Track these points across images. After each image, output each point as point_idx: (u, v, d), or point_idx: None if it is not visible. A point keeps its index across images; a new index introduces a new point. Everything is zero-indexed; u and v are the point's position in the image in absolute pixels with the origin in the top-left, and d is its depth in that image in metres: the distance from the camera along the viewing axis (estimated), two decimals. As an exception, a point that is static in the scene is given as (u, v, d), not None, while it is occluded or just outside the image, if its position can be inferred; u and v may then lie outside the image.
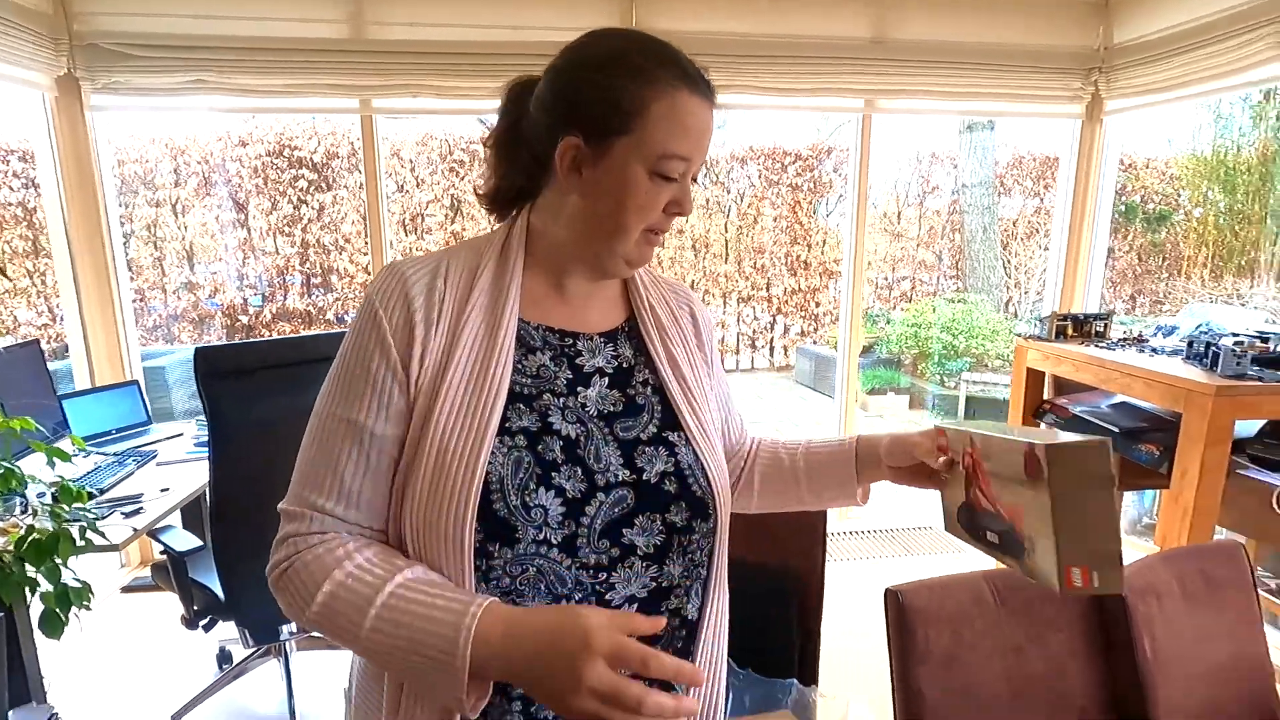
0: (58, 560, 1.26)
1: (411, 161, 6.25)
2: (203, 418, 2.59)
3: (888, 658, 1.08)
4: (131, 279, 5.89)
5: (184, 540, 1.78)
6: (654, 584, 0.69)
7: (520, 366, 0.70)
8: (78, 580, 1.26)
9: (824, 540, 1.34)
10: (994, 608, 1.09)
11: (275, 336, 5.73)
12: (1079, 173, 3.21)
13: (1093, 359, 2.06)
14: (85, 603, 1.25)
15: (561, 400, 0.70)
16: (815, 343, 7.09)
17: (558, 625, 0.56)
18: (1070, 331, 2.28)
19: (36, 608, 1.55)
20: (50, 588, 1.23)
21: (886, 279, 7.35)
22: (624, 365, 0.75)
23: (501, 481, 0.64)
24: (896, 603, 1.05)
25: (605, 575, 0.67)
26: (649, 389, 0.75)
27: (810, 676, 1.39)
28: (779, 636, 1.41)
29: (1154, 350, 2.10)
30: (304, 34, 2.60)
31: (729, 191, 6.96)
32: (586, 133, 0.66)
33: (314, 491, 0.65)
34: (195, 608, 1.85)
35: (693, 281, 6.73)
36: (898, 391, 6.43)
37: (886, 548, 3.14)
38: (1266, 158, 6.47)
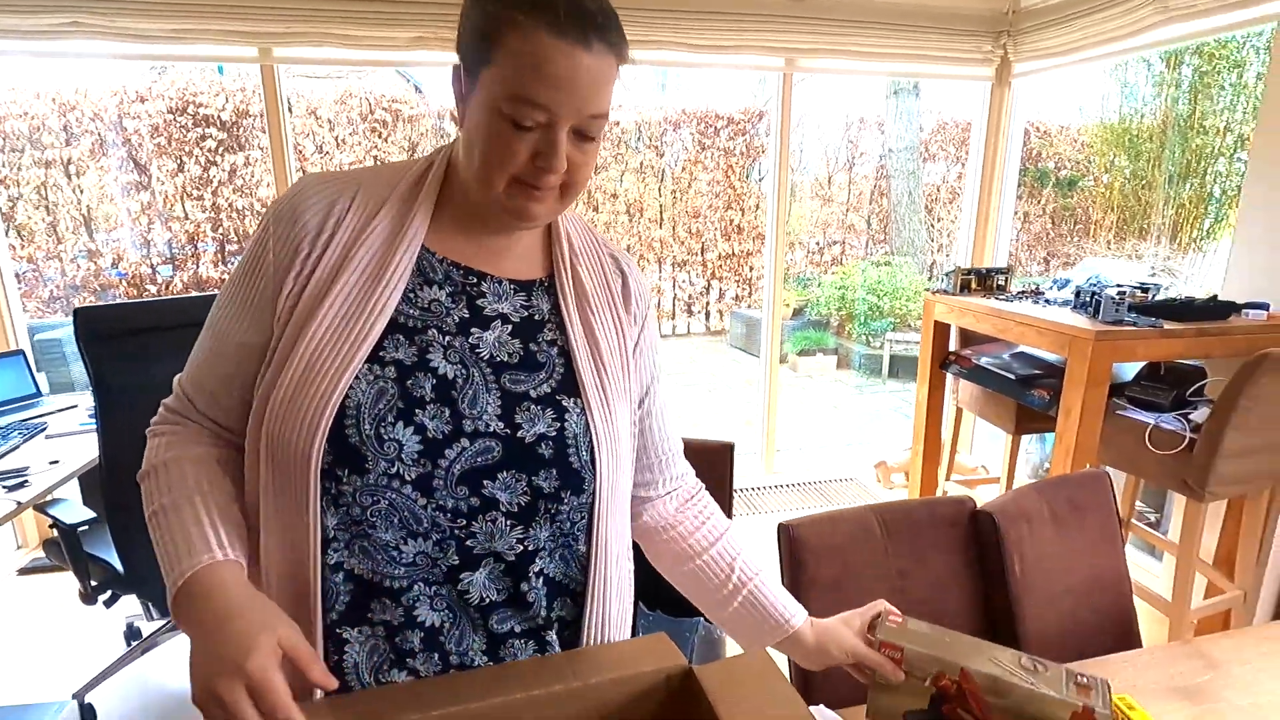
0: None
1: (330, 121, 5.96)
2: (99, 388, 2.44)
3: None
4: (21, 245, 5.47)
5: (75, 513, 1.69)
6: (520, 547, 0.68)
7: (411, 297, 0.67)
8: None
9: (730, 486, 1.39)
10: (880, 537, 1.15)
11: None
12: (989, 136, 3.32)
13: (992, 310, 2.17)
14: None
15: (447, 339, 0.68)
16: (749, 306, 7.20)
17: (238, 621, 0.56)
18: (974, 285, 2.39)
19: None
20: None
21: (818, 243, 7.51)
22: (534, 318, 0.72)
23: (359, 409, 0.62)
24: (788, 535, 1.10)
25: (465, 523, 0.66)
26: (555, 349, 0.72)
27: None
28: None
29: (1048, 301, 2.22)
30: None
31: (663, 156, 6.93)
32: (464, 60, 0.64)
33: (192, 385, 0.71)
34: (93, 583, 1.77)
35: (628, 246, 6.71)
36: (825, 352, 6.62)
37: (806, 500, 3.26)
38: (1167, 124, 6.85)
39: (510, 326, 0.70)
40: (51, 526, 1.75)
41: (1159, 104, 6.90)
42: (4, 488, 1.70)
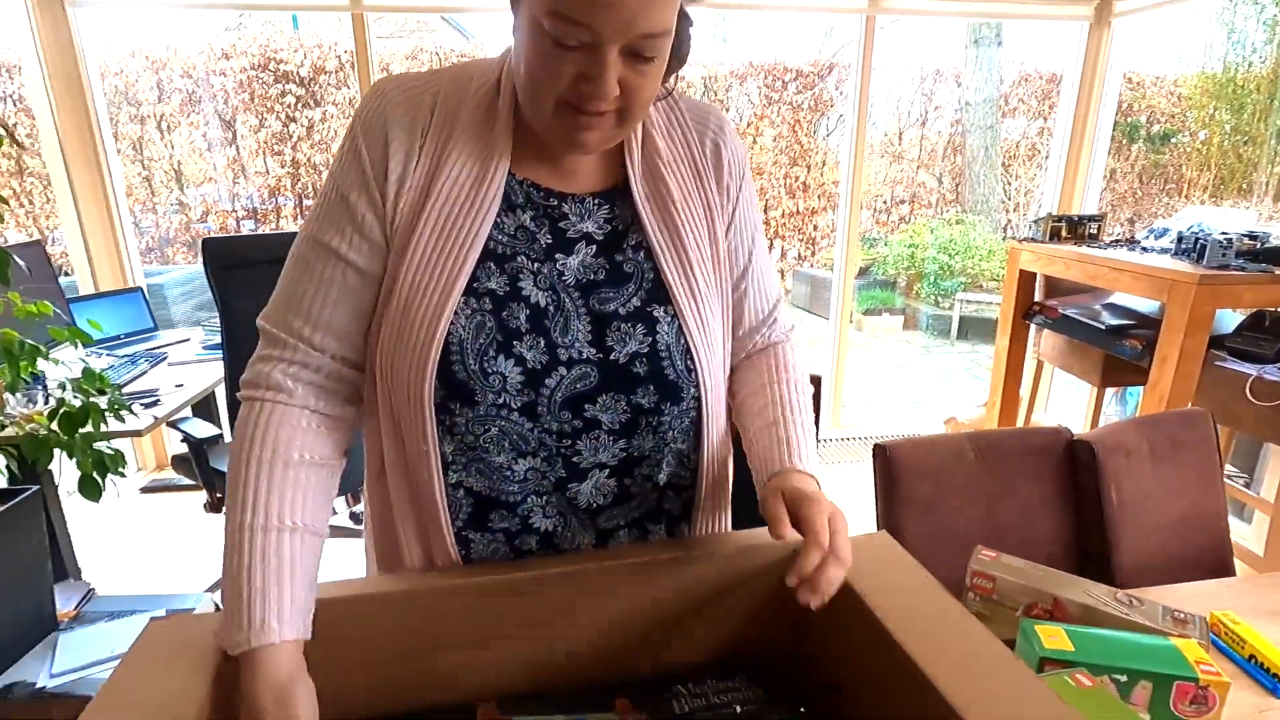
0: (90, 432, 1.32)
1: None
2: (207, 324, 2.64)
3: (874, 507, 1.16)
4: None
5: (202, 428, 1.85)
6: (624, 454, 0.69)
7: (499, 222, 0.66)
8: (110, 448, 1.33)
9: (816, 419, 1.42)
10: (973, 462, 1.17)
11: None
12: (1083, 83, 3.16)
13: (1083, 256, 2.10)
14: (119, 469, 1.32)
15: (536, 265, 0.66)
16: (812, 266, 7.09)
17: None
18: (1064, 233, 2.31)
19: (67, 487, 1.63)
20: (89, 455, 1.29)
21: (885, 202, 7.29)
22: (618, 228, 0.69)
23: (462, 344, 0.63)
24: (884, 455, 1.13)
25: (571, 442, 0.67)
26: (641, 253, 0.69)
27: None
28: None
29: (1145, 249, 2.14)
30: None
31: (728, 110, 6.80)
32: None
33: (292, 314, 0.65)
34: (217, 494, 1.94)
35: (690, 203, 6.65)
36: (892, 312, 6.49)
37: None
38: (1278, 75, 6.33)
39: (595, 245, 0.69)
40: (183, 441, 1.92)
41: (1270, 50, 6.36)
42: (142, 405, 1.88)
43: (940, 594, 0.61)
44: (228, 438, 1.90)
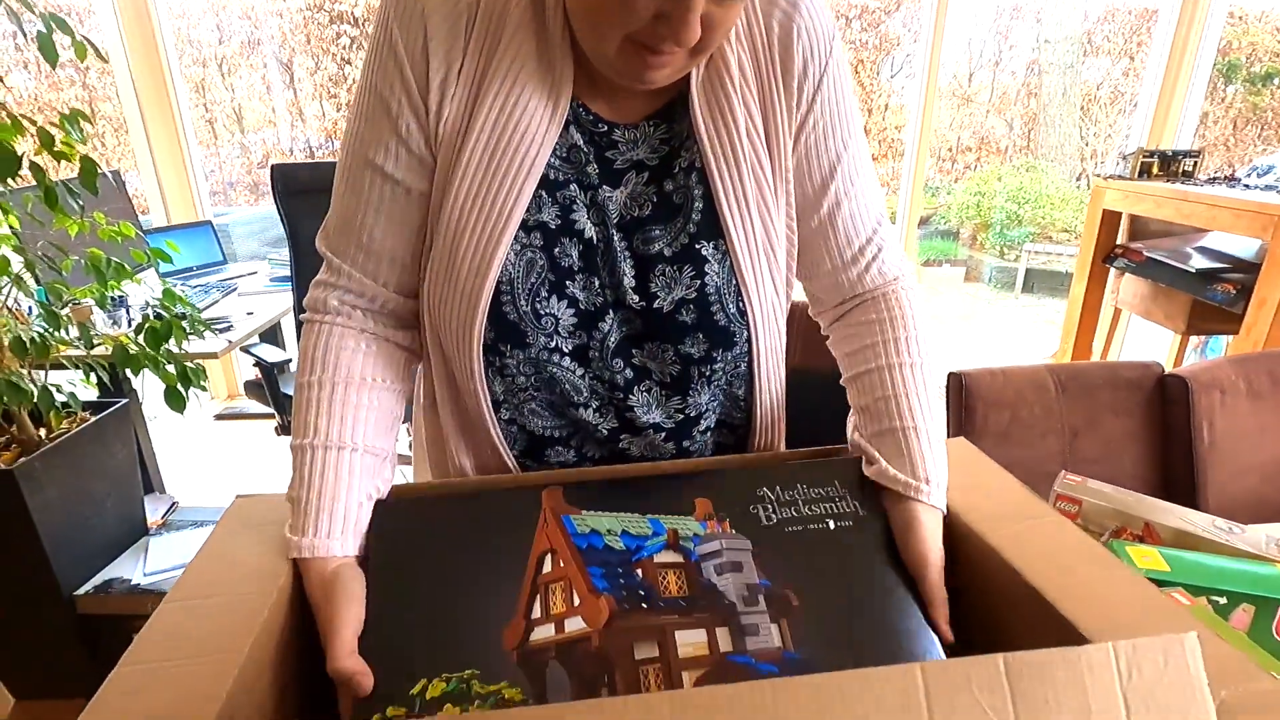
0: (173, 350, 1.38)
1: (454, 17, 6.00)
2: (273, 258, 2.71)
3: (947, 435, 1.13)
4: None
5: (272, 353, 1.91)
6: (680, 415, 0.65)
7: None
8: (193, 363, 1.39)
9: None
10: (1054, 394, 1.12)
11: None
12: (1180, 20, 2.89)
13: (1175, 193, 1.96)
14: (201, 382, 1.37)
15: (588, 194, 0.60)
16: (869, 216, 6.85)
17: (321, 625, 0.51)
18: (1156, 169, 2.16)
19: (151, 400, 1.72)
20: (172, 369, 1.35)
21: (950, 149, 6.95)
22: (672, 146, 0.61)
23: (512, 284, 0.59)
24: (959, 383, 1.09)
25: (623, 396, 0.64)
26: (693, 176, 0.61)
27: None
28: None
29: (1246, 187, 1.98)
30: None
31: (787, 50, 6.53)
32: None
33: (345, 238, 0.62)
34: (287, 417, 2.02)
35: (744, 149, 6.47)
36: (953, 263, 6.25)
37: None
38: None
39: (646, 173, 0.62)
40: (254, 366, 1.99)
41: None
42: (215, 331, 1.95)
43: (1026, 495, 0.59)
44: (295, 360, 1.96)
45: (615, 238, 0.61)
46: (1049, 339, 4.75)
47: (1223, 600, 0.67)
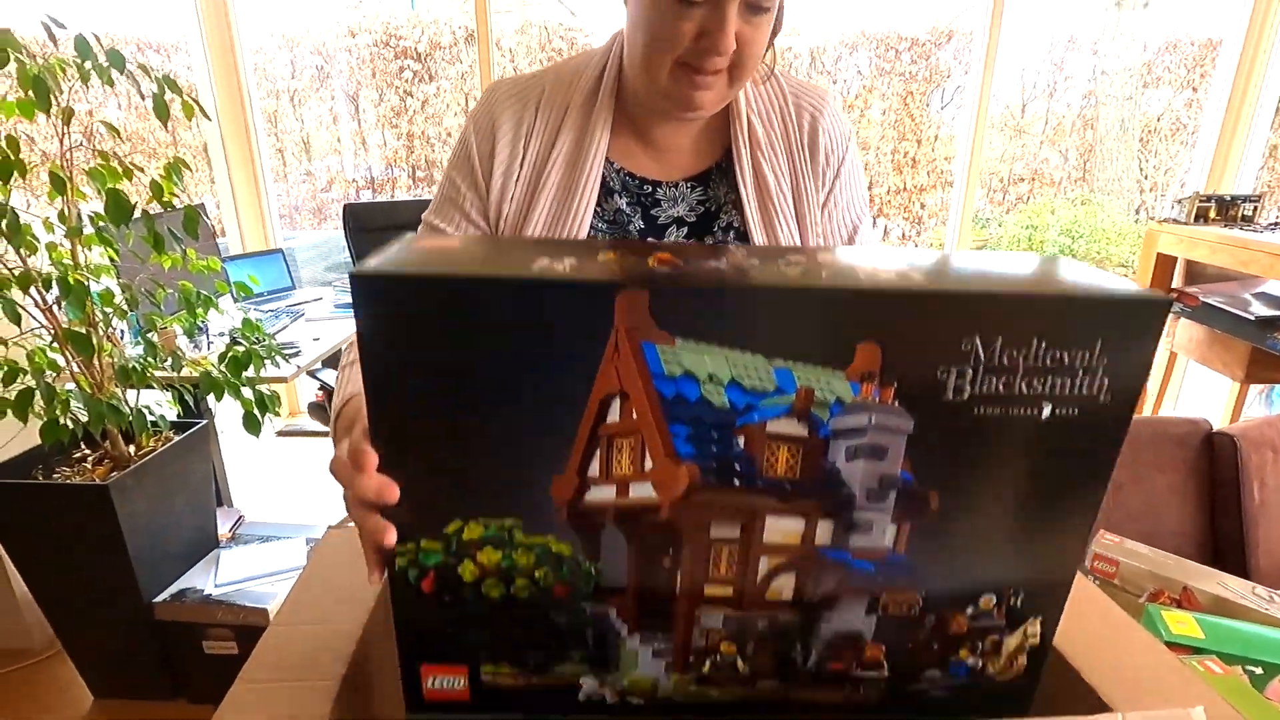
0: (252, 376, 1.49)
1: (512, 51, 6.23)
2: (338, 284, 2.86)
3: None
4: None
5: (337, 379, 2.03)
6: None
7: (599, 210, 0.71)
8: (268, 389, 1.50)
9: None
10: (1097, 448, 1.13)
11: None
12: (1245, 51, 2.84)
13: (1232, 239, 1.93)
14: (275, 409, 1.48)
15: None
16: (916, 246, 6.80)
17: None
18: (1213, 214, 2.13)
19: (229, 431, 1.84)
20: (250, 395, 1.46)
21: (1001, 180, 6.85)
22: (710, 210, 0.72)
23: None
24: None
25: None
26: (731, 234, 0.71)
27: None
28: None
29: (1309, 234, 1.94)
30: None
31: (835, 82, 6.57)
32: None
33: None
34: (347, 439, 2.13)
35: (790, 179, 6.50)
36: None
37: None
38: None
39: (686, 228, 0.72)
40: (319, 389, 2.11)
41: None
42: (285, 356, 2.08)
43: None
44: (357, 389, 2.07)
45: None
46: (1104, 377, 4.60)
47: (1259, 670, 0.68)
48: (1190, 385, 3.15)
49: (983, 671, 0.46)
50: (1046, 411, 0.39)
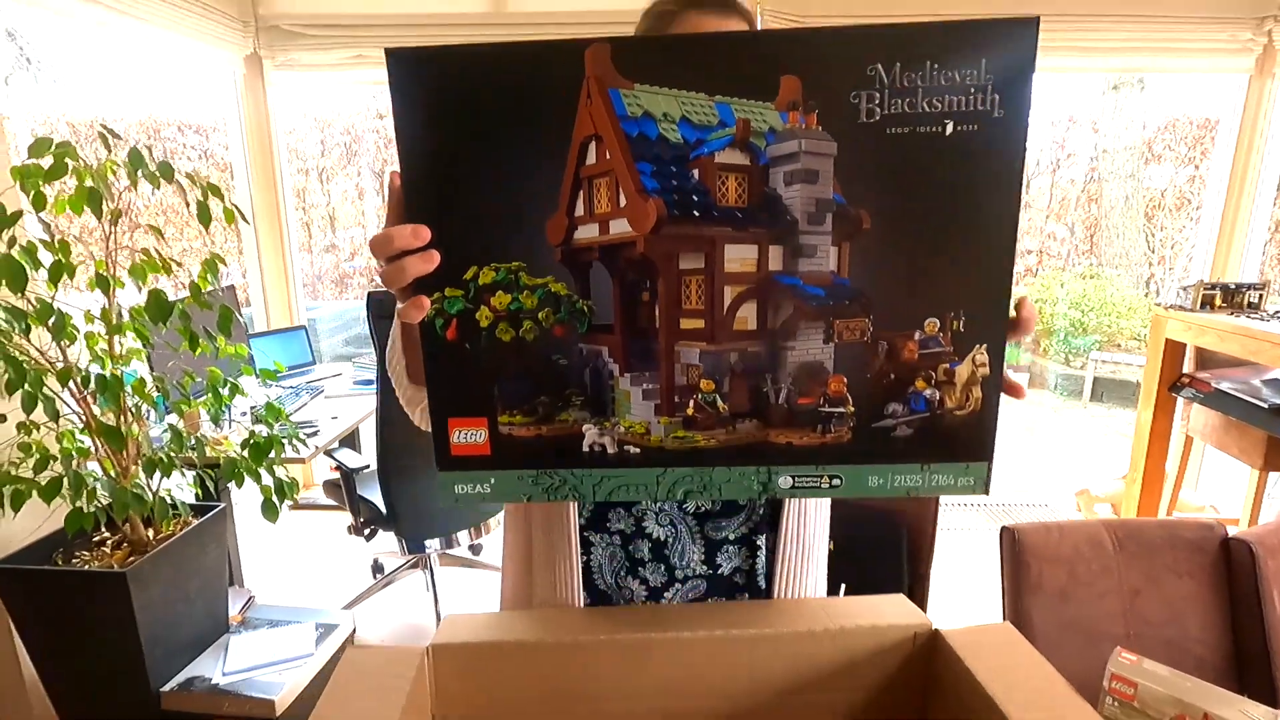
0: (272, 459, 1.52)
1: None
2: (357, 360, 2.93)
3: (1000, 595, 1.14)
4: (284, 241, 6.58)
5: (354, 459, 2.06)
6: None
7: None
8: (288, 477, 1.52)
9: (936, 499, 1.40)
10: (1111, 552, 1.12)
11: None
12: (1242, 135, 2.94)
13: (1240, 329, 1.95)
14: (294, 495, 1.50)
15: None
16: (927, 317, 6.84)
17: None
18: (1218, 302, 2.15)
19: (246, 510, 1.86)
20: (269, 481, 1.49)
21: (1009, 252, 6.94)
22: None
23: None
24: (1012, 539, 1.11)
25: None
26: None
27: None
28: (887, 576, 1.49)
29: (1316, 323, 1.95)
30: (451, 9, 2.81)
31: (842, 159, 6.78)
32: None
33: None
34: (361, 518, 2.15)
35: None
36: (1016, 369, 6.12)
37: (995, 520, 3.09)
38: None
39: None
40: (335, 469, 2.14)
41: None
42: (304, 436, 2.12)
43: (1071, 696, 0.61)
44: (373, 466, 2.10)
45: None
46: (1119, 452, 4.55)
47: (1284, 809, 0.66)
48: (1209, 468, 3.11)
49: (941, 404, 0.51)
50: (950, 128, 0.46)
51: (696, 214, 0.48)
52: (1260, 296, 2.15)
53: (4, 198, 1.30)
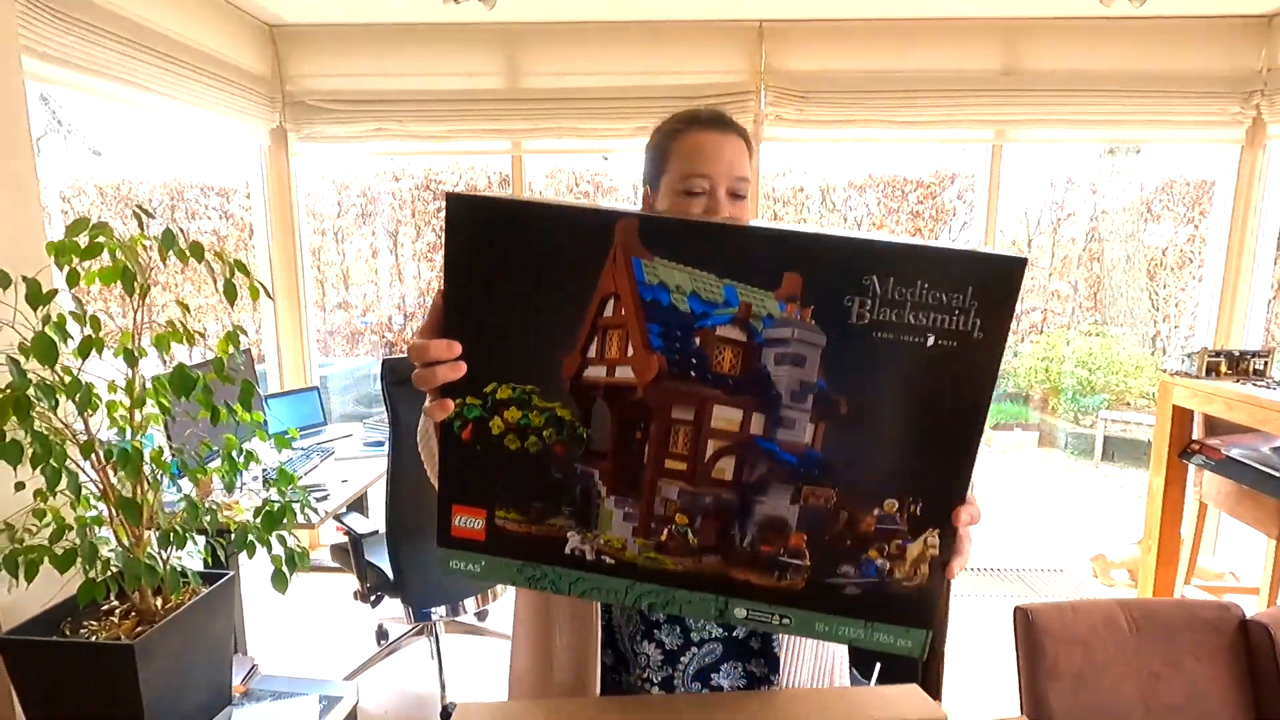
0: (285, 528, 1.53)
1: (541, 192, 6.70)
2: (367, 421, 2.95)
3: (1016, 678, 1.12)
4: (298, 298, 6.70)
5: (362, 524, 2.06)
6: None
7: None
8: (298, 547, 1.53)
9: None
10: (1129, 633, 1.11)
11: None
12: (1238, 200, 3.01)
13: (1248, 398, 1.96)
14: (304, 566, 1.50)
15: None
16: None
17: None
18: (1224, 369, 2.17)
19: (251, 572, 1.85)
20: (280, 551, 1.49)
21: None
22: None
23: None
24: (1026, 620, 1.10)
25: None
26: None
27: (934, 696, 1.43)
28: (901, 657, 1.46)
29: (1323, 391, 1.96)
30: (467, 86, 2.95)
31: (846, 220, 6.93)
32: (649, 183, 0.86)
33: None
34: (367, 584, 2.13)
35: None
36: (1025, 428, 6.08)
37: (1010, 587, 3.03)
38: None
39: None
40: (344, 534, 2.14)
41: None
42: (314, 499, 2.12)
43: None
44: (381, 530, 2.10)
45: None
46: (1134, 513, 4.48)
47: None
48: (1226, 532, 3.06)
49: (890, 574, 0.55)
50: (931, 340, 0.51)
51: (693, 375, 0.54)
52: (1265, 364, 2.16)
53: (37, 269, 1.36)
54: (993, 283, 0.49)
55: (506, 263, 0.55)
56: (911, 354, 0.51)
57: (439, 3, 2.43)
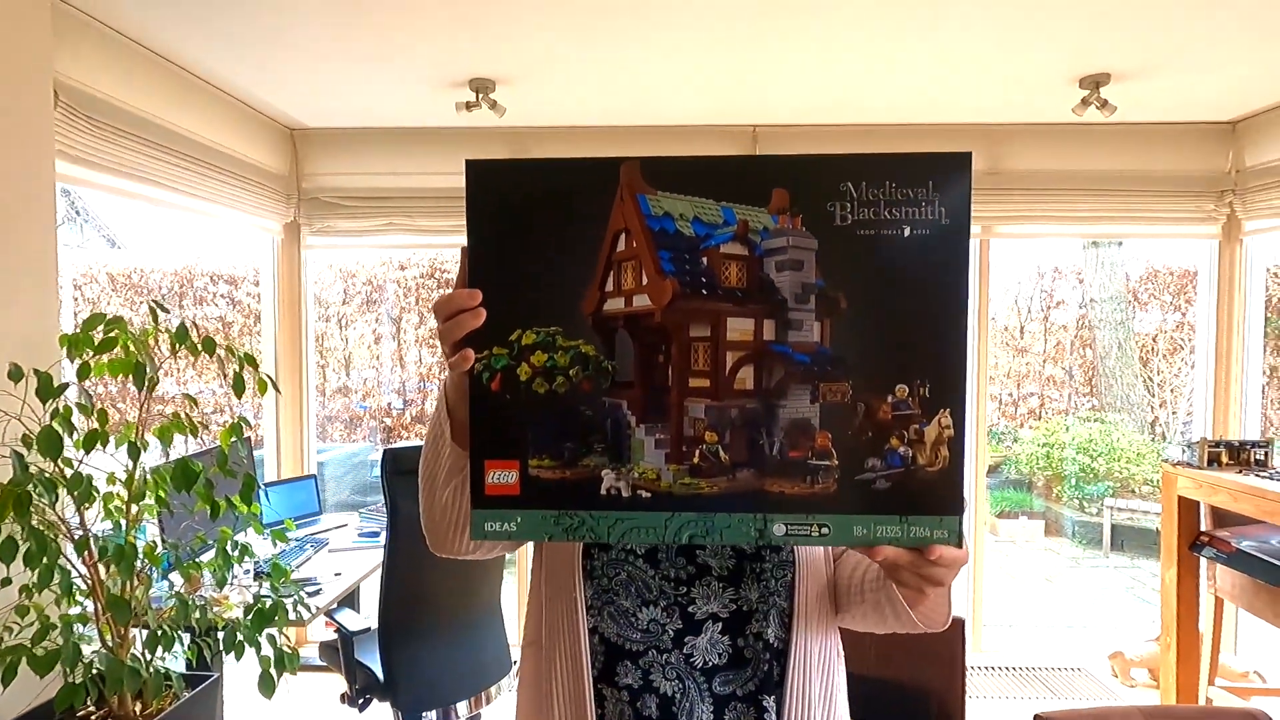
0: (275, 628, 1.48)
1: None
2: (363, 510, 2.91)
3: (1039, 791, 1.06)
4: (299, 383, 6.73)
5: (355, 620, 1.99)
6: (734, 606, 0.77)
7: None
8: (288, 647, 1.47)
9: (963, 658, 1.35)
10: (1154, 745, 1.06)
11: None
12: (1220, 291, 3.09)
13: (1253, 489, 1.95)
14: (294, 668, 1.45)
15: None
16: (935, 460, 6.79)
17: None
18: (1225, 459, 2.16)
19: (235, 671, 1.77)
20: (269, 651, 1.44)
21: (1011, 395, 7.04)
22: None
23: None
24: (1046, 729, 1.06)
25: (686, 590, 0.77)
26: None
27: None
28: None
29: (1327, 482, 1.95)
30: (475, 184, 3.08)
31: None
32: None
33: None
34: (356, 686, 2.04)
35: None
36: (1030, 516, 5.98)
37: (1027, 688, 2.89)
38: None
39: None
40: (335, 630, 2.06)
41: None
42: (306, 593, 2.06)
43: None
44: (373, 627, 2.02)
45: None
46: (1149, 604, 4.34)
47: None
48: (1247, 627, 2.96)
49: (914, 461, 0.58)
50: (907, 231, 0.58)
51: (704, 293, 0.59)
52: (1265, 454, 2.16)
53: (50, 360, 1.38)
54: (949, 175, 0.58)
55: (523, 215, 0.60)
56: (893, 245, 0.58)
57: (452, 110, 2.58)
